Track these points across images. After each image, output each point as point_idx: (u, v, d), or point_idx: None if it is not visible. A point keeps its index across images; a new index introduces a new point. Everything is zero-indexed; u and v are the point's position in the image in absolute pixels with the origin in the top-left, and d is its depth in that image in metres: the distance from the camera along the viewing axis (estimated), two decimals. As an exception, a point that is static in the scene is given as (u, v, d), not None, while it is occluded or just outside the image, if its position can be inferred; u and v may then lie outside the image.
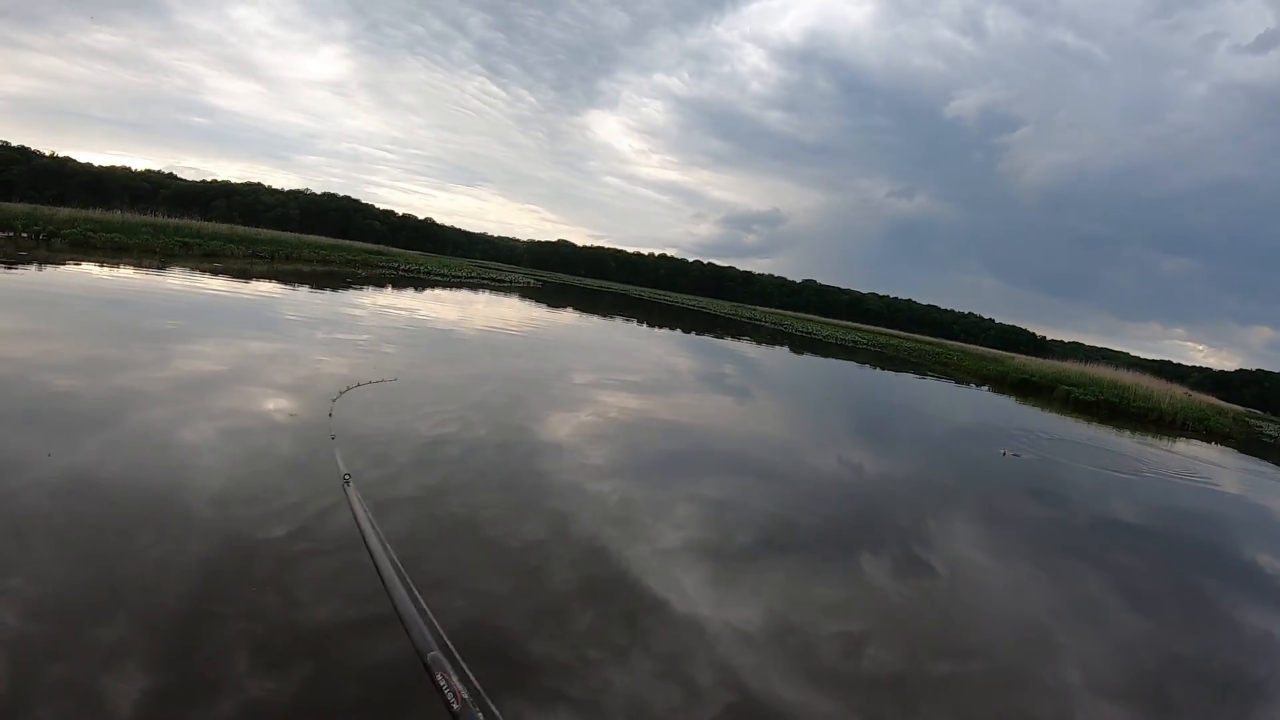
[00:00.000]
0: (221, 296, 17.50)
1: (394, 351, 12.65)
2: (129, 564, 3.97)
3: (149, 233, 30.67)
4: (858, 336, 63.06)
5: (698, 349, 27.03)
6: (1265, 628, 6.60)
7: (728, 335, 37.21)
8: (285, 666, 3.30)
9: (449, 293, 34.67)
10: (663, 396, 12.96)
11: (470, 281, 49.02)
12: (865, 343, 55.22)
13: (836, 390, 22.56)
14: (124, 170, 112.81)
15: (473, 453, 7.09)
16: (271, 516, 4.72)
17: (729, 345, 31.05)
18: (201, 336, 11.19)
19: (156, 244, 28.77)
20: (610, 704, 3.47)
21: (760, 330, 49.32)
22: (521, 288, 52.19)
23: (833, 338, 55.07)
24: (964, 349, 72.56)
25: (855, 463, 10.47)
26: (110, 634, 3.33)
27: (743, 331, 42.97)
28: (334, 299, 22.16)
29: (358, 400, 8.22)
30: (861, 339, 59.59)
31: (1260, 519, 12.60)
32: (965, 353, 61.11)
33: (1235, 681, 5.36)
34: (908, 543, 6.94)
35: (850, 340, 55.26)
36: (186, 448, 5.88)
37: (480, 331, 18.74)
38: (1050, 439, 17.12)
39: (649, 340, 27.04)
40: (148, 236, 29.72)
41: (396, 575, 0.98)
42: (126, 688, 3.00)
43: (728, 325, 48.46)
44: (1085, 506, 10.39)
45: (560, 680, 3.56)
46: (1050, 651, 5.10)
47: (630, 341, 25.53)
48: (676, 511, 6.52)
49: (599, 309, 42.02)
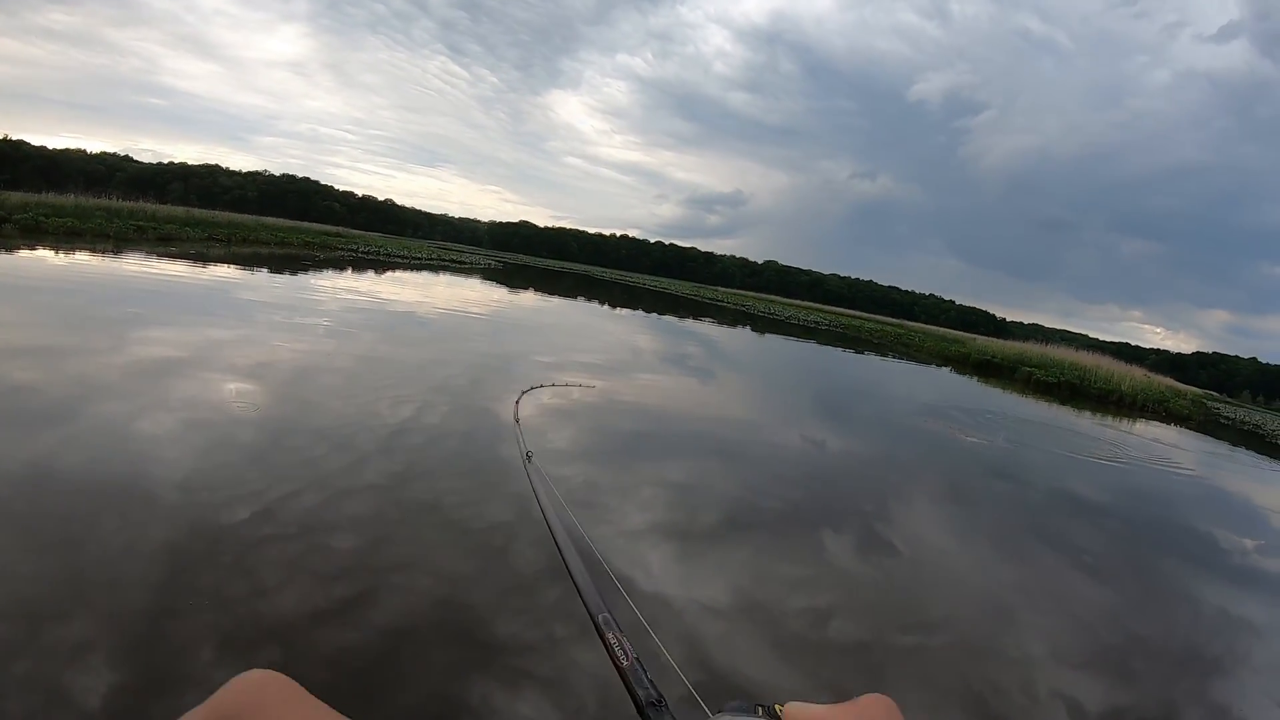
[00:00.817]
0: (173, 281, 17.14)
1: (355, 333, 12.48)
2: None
3: (103, 217, 30.15)
4: (819, 317, 63.59)
5: (660, 329, 27.04)
6: (1219, 603, 6.79)
7: (689, 316, 37.30)
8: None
9: (409, 275, 34.27)
10: (625, 377, 12.92)
11: (430, 264, 48.55)
12: (827, 324, 55.70)
13: (800, 371, 22.71)
14: (79, 153, 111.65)
15: (435, 441, 6.99)
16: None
17: (691, 326, 31.10)
18: (159, 323, 10.99)
19: (110, 228, 28.20)
20: (577, 681, 3.46)
21: (722, 311, 49.45)
22: (483, 269, 51.85)
23: (795, 319, 55.42)
24: (925, 330, 73.64)
25: (818, 442, 10.55)
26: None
27: (705, 312, 43.06)
28: (292, 283, 21.90)
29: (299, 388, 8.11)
30: (824, 320, 60.10)
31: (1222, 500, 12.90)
32: (926, 334, 62.04)
33: (1193, 656, 5.49)
34: (871, 521, 7.04)
35: (812, 321, 55.66)
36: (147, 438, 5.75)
37: (441, 314, 18.56)
38: (1017, 420, 17.41)
39: (611, 321, 27.01)
40: (101, 221, 29.15)
41: (569, 547, 1.02)
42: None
43: (690, 306, 48.58)
44: (1047, 487, 10.56)
45: (526, 660, 3.54)
46: (1010, 623, 5.23)
47: (592, 322, 25.48)
48: (641, 493, 6.51)
49: (561, 290, 41.83)
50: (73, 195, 34.02)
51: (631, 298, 46.46)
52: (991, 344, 44.36)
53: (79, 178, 64.28)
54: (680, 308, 43.51)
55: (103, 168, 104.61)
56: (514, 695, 3.29)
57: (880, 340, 46.21)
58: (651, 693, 0.74)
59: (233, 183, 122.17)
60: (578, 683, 3.44)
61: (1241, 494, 13.76)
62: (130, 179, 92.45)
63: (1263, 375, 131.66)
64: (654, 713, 0.72)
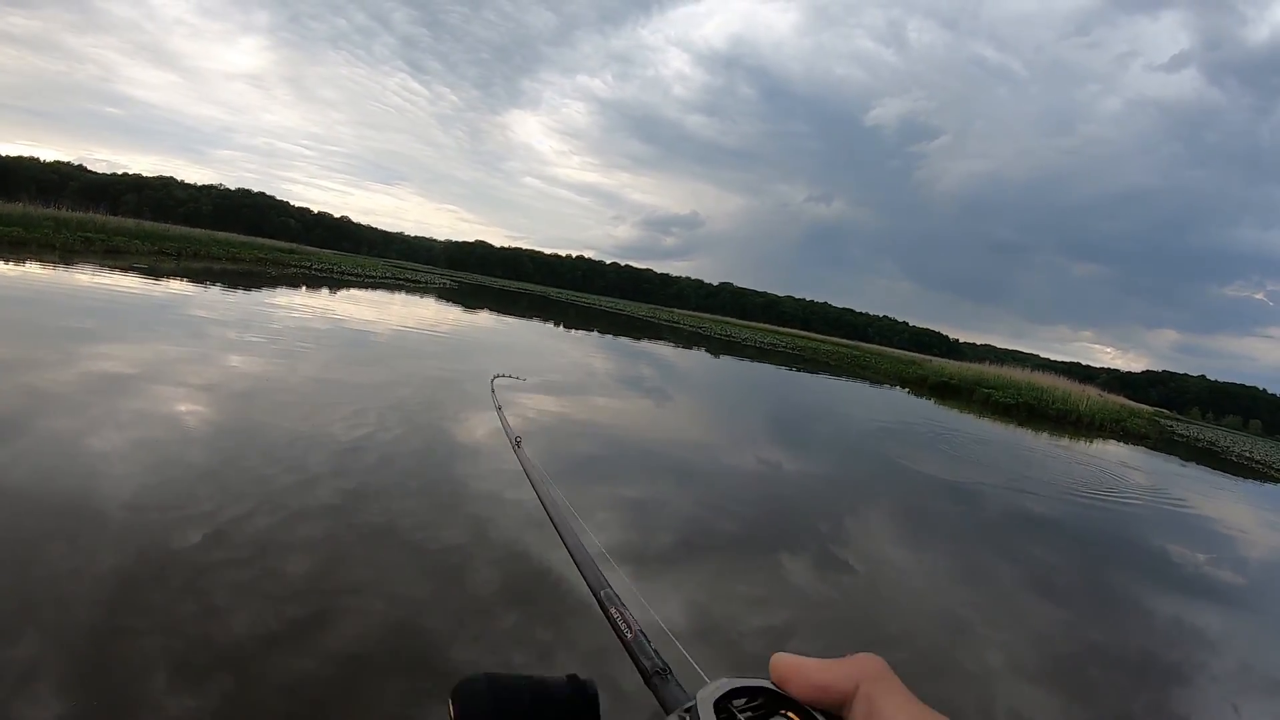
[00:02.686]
0: (117, 295, 16.70)
1: (308, 352, 12.29)
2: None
3: (50, 226, 29.48)
4: (776, 339, 64.22)
5: (616, 351, 27.06)
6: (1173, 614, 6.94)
7: (645, 338, 37.34)
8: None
9: (364, 293, 33.94)
10: (580, 398, 12.91)
11: (385, 282, 48.15)
12: (783, 345, 56.25)
13: (757, 393, 22.93)
14: (32, 161, 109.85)
15: (389, 461, 6.91)
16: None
17: (647, 347, 31.18)
18: (101, 339, 10.66)
19: (57, 239, 27.52)
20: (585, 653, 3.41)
21: (678, 333, 49.76)
22: (438, 289, 51.51)
23: (751, 340, 55.91)
24: (880, 351, 74.65)
25: (774, 463, 10.67)
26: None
27: (661, 334, 43.20)
28: (241, 299, 21.46)
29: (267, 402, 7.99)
30: (780, 342, 60.68)
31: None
32: (882, 355, 63.01)
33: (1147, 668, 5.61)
34: (826, 541, 7.17)
35: (769, 343, 56.19)
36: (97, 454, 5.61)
37: (395, 332, 18.39)
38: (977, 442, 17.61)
39: (566, 342, 26.94)
40: (49, 231, 28.43)
41: (567, 527, 1.01)
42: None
43: (646, 328, 48.67)
44: (1003, 506, 10.68)
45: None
46: (965, 638, 5.35)
47: (548, 344, 25.40)
48: (596, 515, 6.48)
49: (516, 311, 41.66)
50: (21, 204, 33.31)
51: (587, 319, 46.49)
52: (948, 365, 45.05)
53: (31, 186, 63.17)
54: (636, 329, 43.57)
55: (55, 177, 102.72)
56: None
57: (836, 362, 46.67)
58: (657, 662, 0.75)
59: (187, 196, 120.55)
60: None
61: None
62: (83, 189, 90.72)
63: (1212, 392, 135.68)
64: (659, 680, 0.71)
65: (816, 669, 0.47)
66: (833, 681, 0.45)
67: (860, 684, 0.45)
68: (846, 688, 0.45)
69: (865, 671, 0.45)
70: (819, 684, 0.46)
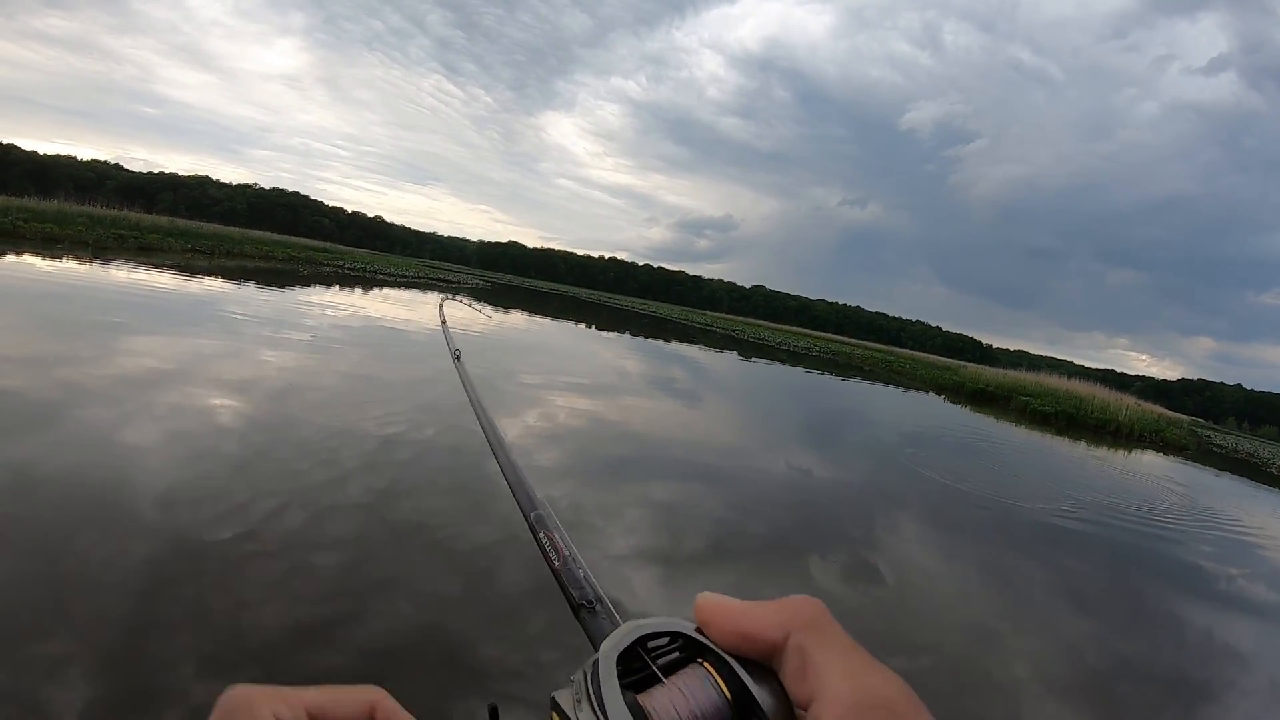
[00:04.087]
0: (142, 292, 16.87)
1: (341, 350, 12.32)
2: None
3: (84, 223, 30.11)
4: (810, 343, 63.73)
5: (648, 353, 27.01)
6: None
7: (676, 339, 37.19)
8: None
9: (396, 292, 34.14)
10: (612, 399, 12.85)
11: (418, 282, 48.47)
12: (818, 350, 55.77)
13: (794, 398, 22.80)
14: (69, 159, 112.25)
15: (421, 457, 6.89)
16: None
17: (681, 350, 30.97)
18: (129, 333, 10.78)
19: (90, 236, 28.05)
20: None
21: (710, 335, 49.51)
22: (470, 289, 51.74)
23: (784, 344, 55.55)
24: (915, 357, 73.96)
25: (806, 469, 10.50)
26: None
27: (692, 337, 43.00)
28: (277, 298, 21.66)
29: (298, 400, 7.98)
30: (814, 346, 60.21)
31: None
32: (917, 361, 62.37)
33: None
34: (857, 548, 7.02)
35: (802, 347, 55.73)
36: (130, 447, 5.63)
37: (428, 331, 18.42)
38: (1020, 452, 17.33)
39: (598, 344, 26.95)
40: (82, 228, 28.96)
41: (500, 444, 0.95)
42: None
43: (678, 330, 48.54)
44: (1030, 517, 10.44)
45: (518, 685, 3.52)
46: (995, 650, 5.28)
47: (580, 345, 25.40)
48: (625, 515, 6.41)
49: (548, 311, 41.73)
50: (57, 201, 33.80)
51: (619, 320, 46.53)
52: (984, 372, 44.32)
53: (68, 184, 64.42)
54: (668, 331, 43.43)
55: (93, 175, 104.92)
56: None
57: (872, 367, 46.24)
58: (587, 591, 0.73)
59: (222, 194, 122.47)
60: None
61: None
62: (120, 187, 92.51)
63: (1248, 402, 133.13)
64: (587, 615, 0.69)
65: (742, 612, 0.41)
66: (760, 629, 0.40)
67: (792, 632, 0.39)
68: (775, 636, 0.40)
69: (799, 617, 0.40)
70: (744, 630, 0.41)
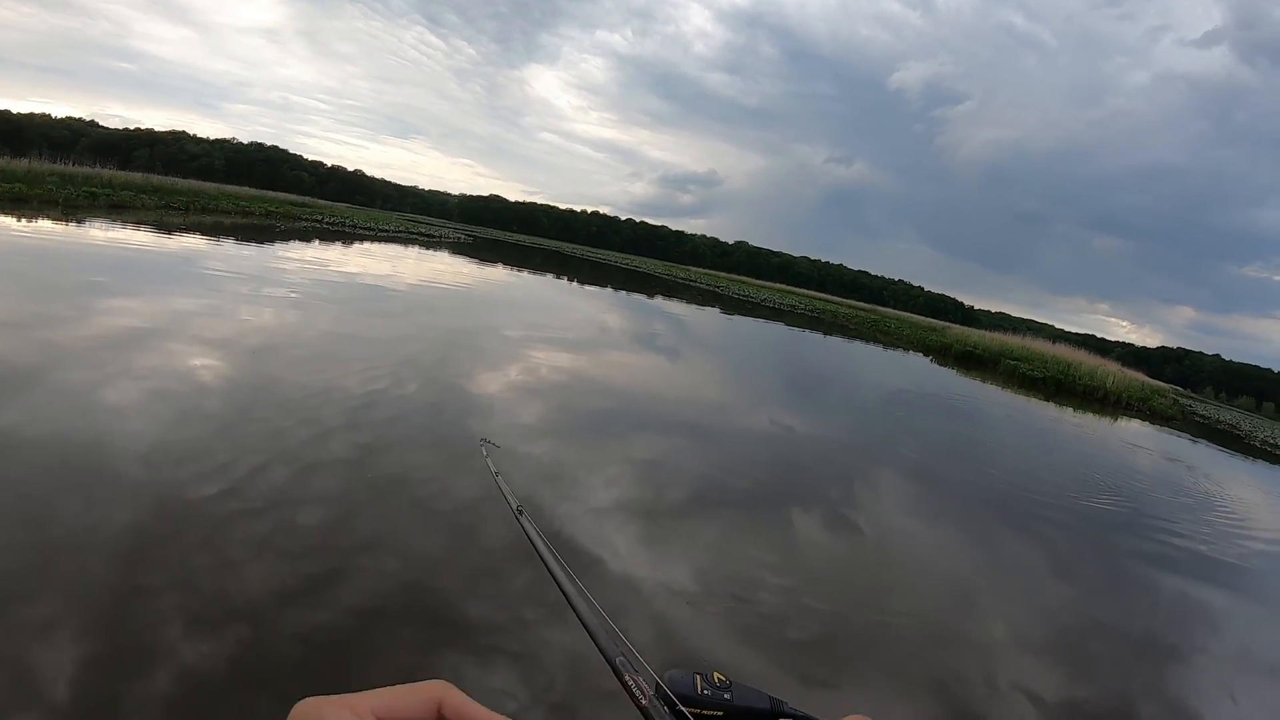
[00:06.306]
0: (118, 252, 16.59)
1: (320, 306, 12.13)
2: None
3: (55, 182, 29.14)
4: (794, 300, 63.45)
5: (630, 308, 26.86)
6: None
7: (660, 294, 37.05)
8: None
9: (376, 247, 33.64)
10: (594, 354, 12.80)
11: (399, 236, 47.82)
12: (802, 307, 55.73)
13: (781, 355, 22.71)
14: (44, 118, 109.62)
15: (402, 417, 6.84)
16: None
17: (664, 305, 30.82)
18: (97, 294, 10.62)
19: (60, 195, 27.13)
20: (550, 660, 3.49)
21: (693, 291, 49.29)
22: (451, 243, 51.22)
23: (769, 301, 55.30)
24: (900, 317, 74.02)
25: (788, 425, 10.45)
26: None
27: (675, 292, 42.77)
28: (253, 254, 21.36)
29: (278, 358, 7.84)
30: (799, 303, 60.07)
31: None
32: (903, 320, 62.37)
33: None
34: (837, 504, 7.11)
35: (787, 304, 55.52)
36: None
37: (410, 288, 18.18)
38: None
39: (581, 299, 26.82)
40: (52, 187, 28.10)
41: (577, 591, 0.86)
42: None
43: (661, 285, 48.36)
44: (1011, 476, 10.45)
45: (501, 639, 3.59)
46: (971, 605, 5.36)
47: (563, 299, 25.30)
48: (609, 470, 6.38)
49: (531, 266, 41.40)
50: (28, 160, 33.02)
51: (602, 275, 46.29)
52: (970, 334, 44.37)
53: (42, 143, 62.92)
54: (650, 286, 43.21)
55: (68, 133, 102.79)
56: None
57: (855, 326, 46.10)
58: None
59: (200, 150, 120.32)
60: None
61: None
62: (95, 144, 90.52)
63: (1225, 372, 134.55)
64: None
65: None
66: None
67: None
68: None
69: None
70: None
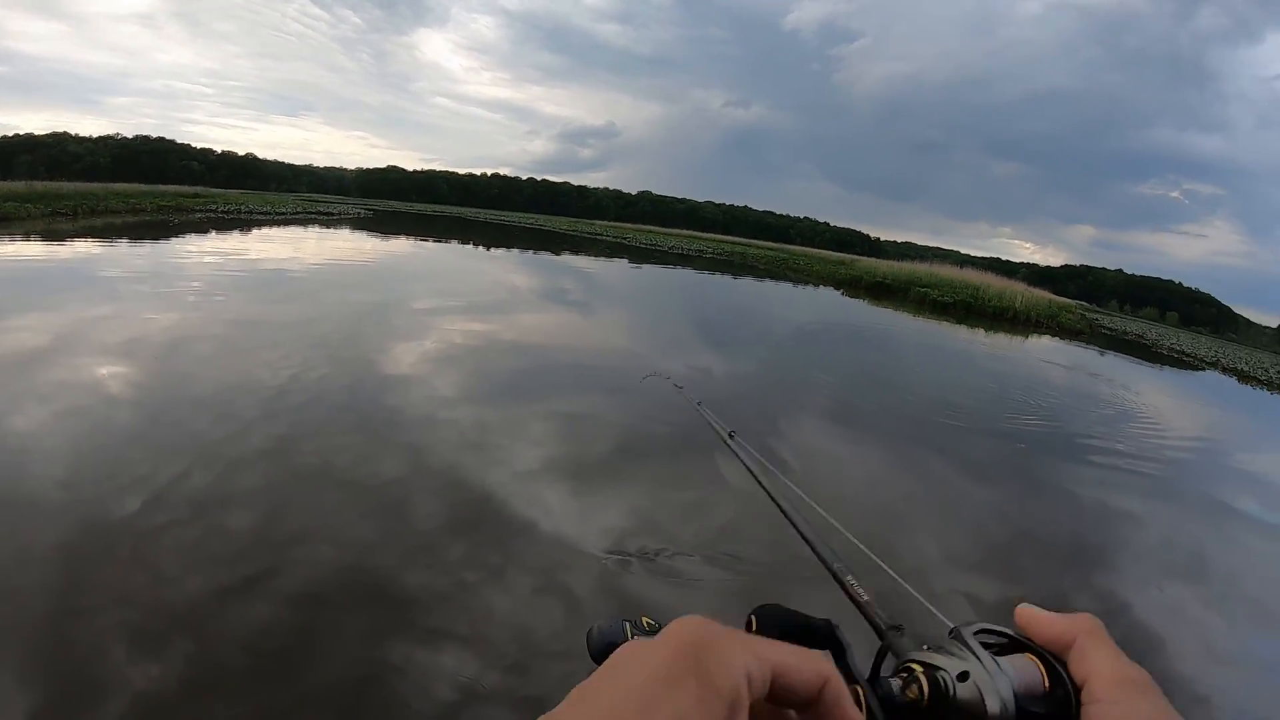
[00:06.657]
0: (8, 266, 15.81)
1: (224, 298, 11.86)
2: None
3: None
4: (703, 245, 63.73)
5: (537, 267, 26.67)
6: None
7: (566, 251, 36.93)
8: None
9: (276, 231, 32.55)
10: (506, 317, 12.78)
11: (297, 218, 46.39)
12: (710, 251, 55.96)
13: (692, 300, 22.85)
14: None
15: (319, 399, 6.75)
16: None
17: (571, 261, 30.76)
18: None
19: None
20: (495, 631, 3.49)
21: (600, 244, 49.12)
22: (352, 219, 49.91)
23: (677, 248, 55.43)
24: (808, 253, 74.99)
25: (704, 368, 10.59)
26: None
27: (582, 247, 42.61)
28: (149, 252, 20.38)
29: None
30: (706, 248, 60.27)
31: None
32: (811, 256, 63.26)
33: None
34: (768, 439, 7.14)
35: (694, 250, 55.70)
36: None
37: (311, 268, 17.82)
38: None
39: (488, 262, 26.46)
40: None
41: (796, 510, 0.99)
42: None
43: (567, 241, 48.01)
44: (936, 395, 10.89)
45: (443, 614, 3.58)
46: (901, 529, 5.56)
47: (469, 264, 24.99)
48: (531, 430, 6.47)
49: (434, 233, 40.61)
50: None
51: (507, 237, 45.47)
52: (879, 265, 45.32)
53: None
54: (557, 243, 42.86)
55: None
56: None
57: (766, 266, 46.62)
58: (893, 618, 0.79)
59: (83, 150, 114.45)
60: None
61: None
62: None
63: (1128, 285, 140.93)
64: (895, 635, 0.74)
65: (1049, 621, 0.57)
66: (1061, 633, 0.56)
67: (1078, 636, 0.55)
68: (1069, 639, 0.55)
69: (1083, 626, 0.56)
70: (1052, 634, 0.57)
